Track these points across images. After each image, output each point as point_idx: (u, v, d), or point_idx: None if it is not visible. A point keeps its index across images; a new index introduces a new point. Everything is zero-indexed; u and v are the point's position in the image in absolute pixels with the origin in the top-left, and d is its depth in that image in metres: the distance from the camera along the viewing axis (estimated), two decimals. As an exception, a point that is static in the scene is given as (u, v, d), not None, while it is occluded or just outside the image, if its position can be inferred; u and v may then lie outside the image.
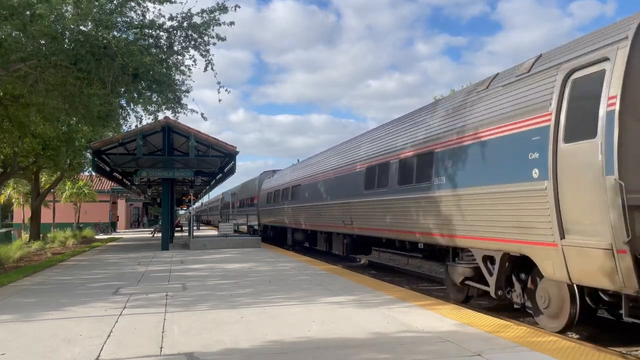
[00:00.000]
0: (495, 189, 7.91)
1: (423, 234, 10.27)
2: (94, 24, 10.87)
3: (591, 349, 5.45)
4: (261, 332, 6.25)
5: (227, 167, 26.02)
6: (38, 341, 6.04)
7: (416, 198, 10.36)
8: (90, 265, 15.28)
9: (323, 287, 9.89)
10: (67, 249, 22.54)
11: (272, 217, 25.83)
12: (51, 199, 38.26)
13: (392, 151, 11.92)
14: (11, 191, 38.13)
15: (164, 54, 12.24)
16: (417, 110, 12.09)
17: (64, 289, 10.20)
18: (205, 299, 8.74)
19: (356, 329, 6.31)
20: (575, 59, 6.79)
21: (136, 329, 6.57)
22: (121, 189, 44.38)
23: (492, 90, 8.66)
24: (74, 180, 37.44)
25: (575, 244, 6.35)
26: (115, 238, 33.76)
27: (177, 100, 12.96)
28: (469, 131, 8.83)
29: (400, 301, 8.21)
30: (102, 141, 21.43)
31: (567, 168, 6.52)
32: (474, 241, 8.55)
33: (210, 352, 5.39)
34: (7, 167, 22.31)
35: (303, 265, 13.90)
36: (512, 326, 6.50)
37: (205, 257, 17.13)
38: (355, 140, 15.88)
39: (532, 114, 7.26)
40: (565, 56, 7.09)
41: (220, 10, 11.87)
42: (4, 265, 15.09)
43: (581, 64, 6.64)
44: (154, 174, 21.42)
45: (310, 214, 18.95)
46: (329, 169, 17.13)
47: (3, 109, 15.54)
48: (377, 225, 12.56)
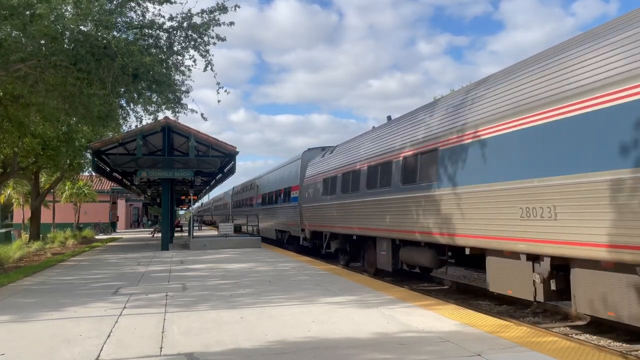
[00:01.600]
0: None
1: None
2: (93, 24, 10.87)
3: (591, 349, 5.45)
4: (261, 332, 6.25)
5: (227, 167, 26.04)
6: (38, 341, 6.03)
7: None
8: (90, 266, 15.27)
9: (323, 287, 9.88)
10: (67, 249, 22.53)
11: (333, 220, 16.16)
12: (51, 199, 38.27)
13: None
14: (11, 191, 38.13)
15: (163, 54, 12.25)
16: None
17: (64, 289, 10.20)
18: (205, 299, 8.74)
19: (356, 329, 6.31)
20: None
21: (136, 329, 6.56)
22: (121, 189, 44.41)
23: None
24: (73, 180, 37.44)
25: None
26: (115, 238, 33.75)
27: (177, 100, 12.97)
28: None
29: (400, 301, 8.21)
30: (102, 141, 21.44)
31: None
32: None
33: (211, 352, 5.38)
34: (7, 167, 22.31)
35: (303, 265, 13.90)
36: (512, 326, 6.49)
37: (205, 257, 17.12)
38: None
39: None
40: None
41: (220, 11, 11.88)
42: (4, 266, 15.09)
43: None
44: (154, 174, 21.43)
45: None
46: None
47: (3, 109, 15.54)
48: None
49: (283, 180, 24.16)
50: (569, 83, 6.91)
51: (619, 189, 5.97)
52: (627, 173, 5.88)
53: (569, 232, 6.65)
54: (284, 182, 24.00)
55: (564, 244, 6.73)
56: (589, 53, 6.74)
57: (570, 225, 6.62)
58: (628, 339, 7.36)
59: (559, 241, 6.81)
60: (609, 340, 7.37)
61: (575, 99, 6.73)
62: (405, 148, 11.57)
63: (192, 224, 25.89)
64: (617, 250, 5.97)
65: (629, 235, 5.82)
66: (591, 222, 6.31)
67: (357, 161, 14.55)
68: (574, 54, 7.05)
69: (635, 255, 5.76)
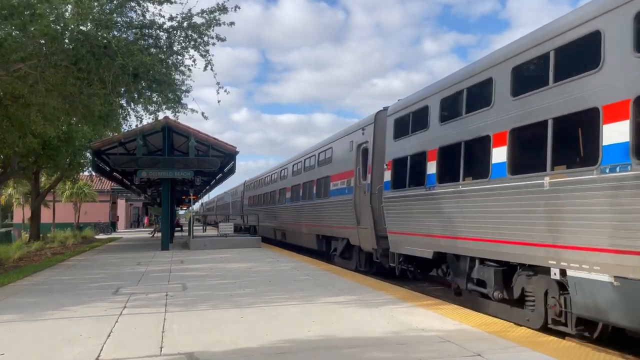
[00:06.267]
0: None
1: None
2: (94, 23, 10.88)
3: (591, 349, 5.45)
4: (261, 332, 6.24)
5: (227, 167, 26.05)
6: (38, 341, 6.03)
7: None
8: (90, 265, 15.27)
9: (323, 287, 9.88)
10: (67, 249, 22.53)
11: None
12: (51, 199, 38.25)
13: None
14: (11, 191, 38.12)
15: (163, 54, 12.26)
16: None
17: (64, 289, 10.19)
18: (205, 299, 8.74)
19: (357, 329, 6.30)
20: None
21: (136, 329, 6.56)
22: (121, 189, 44.37)
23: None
24: (73, 180, 37.43)
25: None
26: (115, 238, 33.74)
27: (177, 100, 12.97)
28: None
29: (401, 301, 8.21)
30: (102, 141, 21.44)
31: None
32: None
33: (211, 352, 5.38)
34: (7, 167, 22.30)
35: (303, 265, 13.89)
36: (512, 326, 6.50)
37: (205, 257, 17.12)
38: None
39: None
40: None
41: (220, 11, 11.88)
42: (4, 265, 15.10)
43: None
44: (154, 174, 21.44)
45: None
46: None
47: (3, 109, 15.53)
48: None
49: (338, 161, 15.90)
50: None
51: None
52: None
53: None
54: (335, 166, 16.02)
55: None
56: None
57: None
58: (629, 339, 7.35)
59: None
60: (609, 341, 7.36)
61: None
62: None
63: (192, 224, 25.88)
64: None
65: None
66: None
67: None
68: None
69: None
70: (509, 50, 7.95)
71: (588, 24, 6.36)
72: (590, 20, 6.33)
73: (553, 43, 6.85)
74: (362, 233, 13.50)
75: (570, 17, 6.81)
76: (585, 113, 6.27)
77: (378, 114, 13.30)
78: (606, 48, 6.01)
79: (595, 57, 6.18)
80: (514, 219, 7.41)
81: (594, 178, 5.97)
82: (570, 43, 6.64)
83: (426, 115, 10.11)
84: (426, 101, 10.26)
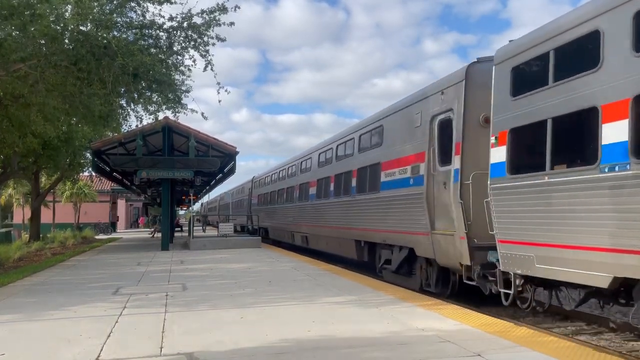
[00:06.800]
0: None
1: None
2: (93, 24, 10.89)
3: (591, 349, 5.45)
4: (261, 332, 6.24)
5: (227, 167, 26.05)
6: (38, 341, 6.03)
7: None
8: (90, 265, 15.27)
9: (323, 287, 9.88)
10: (67, 249, 22.53)
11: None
12: (51, 199, 38.25)
13: None
14: (11, 191, 38.12)
15: (163, 54, 12.26)
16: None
17: (64, 289, 10.20)
18: (205, 299, 8.73)
19: (356, 329, 6.30)
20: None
21: (136, 329, 6.56)
22: (121, 189, 44.32)
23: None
24: (73, 180, 37.43)
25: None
26: (115, 238, 33.74)
27: (177, 100, 12.98)
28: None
29: (400, 301, 8.21)
30: (102, 141, 21.43)
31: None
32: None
33: (211, 352, 5.38)
34: (7, 167, 22.30)
35: (303, 265, 13.89)
36: (512, 326, 6.50)
37: (205, 257, 17.11)
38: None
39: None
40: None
41: (220, 11, 11.89)
42: (4, 266, 15.10)
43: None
44: (154, 174, 21.43)
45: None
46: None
47: (3, 109, 15.53)
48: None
49: (394, 143, 12.07)
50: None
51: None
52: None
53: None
54: (390, 150, 12.19)
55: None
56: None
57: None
58: (628, 339, 7.35)
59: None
60: (609, 341, 7.36)
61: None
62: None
63: (192, 224, 25.88)
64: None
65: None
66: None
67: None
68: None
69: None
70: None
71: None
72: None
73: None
74: (441, 241, 9.60)
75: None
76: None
77: (470, 67, 9.39)
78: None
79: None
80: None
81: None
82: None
83: (596, 45, 6.21)
84: (595, 22, 6.28)
